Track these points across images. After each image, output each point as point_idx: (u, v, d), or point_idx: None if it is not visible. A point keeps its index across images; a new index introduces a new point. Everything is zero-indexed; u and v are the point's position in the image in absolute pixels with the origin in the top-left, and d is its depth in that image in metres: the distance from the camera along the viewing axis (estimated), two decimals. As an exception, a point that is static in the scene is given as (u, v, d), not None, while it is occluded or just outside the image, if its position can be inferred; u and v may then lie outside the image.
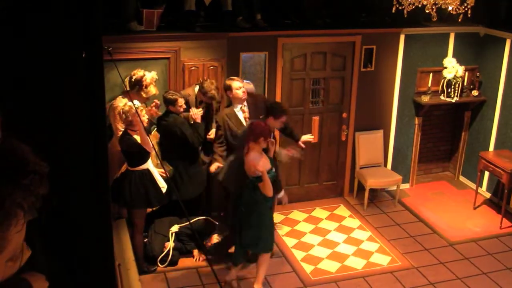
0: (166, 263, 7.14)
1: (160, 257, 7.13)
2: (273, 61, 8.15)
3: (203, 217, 7.52)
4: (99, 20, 2.83)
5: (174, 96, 7.00)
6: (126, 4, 7.34)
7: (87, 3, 2.73)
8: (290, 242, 7.90)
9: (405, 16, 6.59)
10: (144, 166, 6.62)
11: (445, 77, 8.97)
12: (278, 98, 8.21)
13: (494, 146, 9.17)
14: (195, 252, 7.37)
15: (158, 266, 7.11)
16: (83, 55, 2.74)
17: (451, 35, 9.08)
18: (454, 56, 9.08)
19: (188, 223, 7.35)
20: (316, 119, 8.57)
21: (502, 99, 8.97)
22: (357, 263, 7.50)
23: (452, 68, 8.90)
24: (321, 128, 8.60)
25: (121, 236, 6.25)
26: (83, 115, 2.81)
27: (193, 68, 7.61)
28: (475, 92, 9.23)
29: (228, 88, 7.17)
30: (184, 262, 7.29)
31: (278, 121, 6.84)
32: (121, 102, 6.82)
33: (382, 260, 7.60)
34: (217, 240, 7.38)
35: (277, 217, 8.33)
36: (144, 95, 6.98)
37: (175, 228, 7.31)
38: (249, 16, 8.01)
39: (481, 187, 9.35)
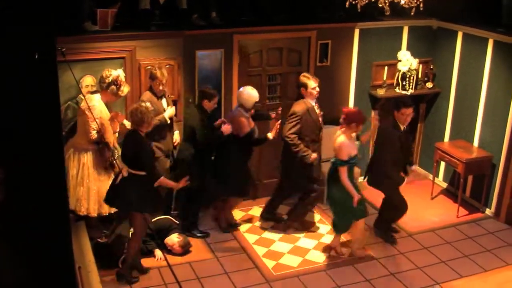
0: (128, 264, 7.10)
1: (122, 258, 7.07)
2: (229, 58, 8.15)
3: (164, 216, 7.50)
4: (52, 21, 2.81)
5: (211, 91, 7.43)
6: (80, 4, 7.27)
7: (40, 4, 2.71)
8: (251, 238, 7.92)
9: (359, 10, 6.64)
10: None
11: (400, 70, 9.08)
12: (234, 95, 8.21)
13: (449, 136, 9.33)
14: (157, 251, 7.33)
15: (119, 267, 7.05)
16: (36, 56, 2.71)
17: (404, 28, 9.20)
18: (408, 49, 9.19)
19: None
20: (272, 115, 8.58)
21: (455, 90, 9.13)
22: (318, 257, 7.55)
23: (407, 61, 9.01)
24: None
25: (81, 239, 6.21)
26: (37, 117, 2.78)
27: (149, 67, 7.56)
28: (429, 84, 9.36)
29: (304, 86, 7.60)
30: (145, 262, 7.23)
31: (399, 114, 7.37)
32: (96, 101, 6.86)
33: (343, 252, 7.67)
34: (177, 239, 7.35)
35: (237, 214, 8.36)
36: (121, 94, 7.01)
37: (135, 229, 7.27)
38: (204, 13, 8.00)
39: (437, 177, 9.50)
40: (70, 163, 6.98)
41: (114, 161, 7.05)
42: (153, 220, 7.37)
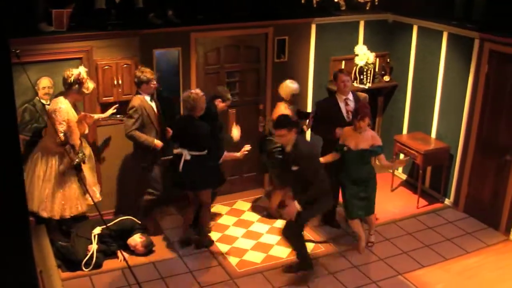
0: (91, 267, 7.03)
1: (84, 260, 7.02)
2: (186, 56, 8.13)
3: (126, 217, 7.46)
4: (5, 22, 2.77)
5: (228, 95, 7.64)
6: (34, 5, 7.17)
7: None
8: (214, 236, 7.91)
9: (315, 6, 6.69)
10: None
11: (357, 64, 9.16)
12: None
13: (407, 129, 9.44)
14: (119, 253, 7.28)
15: (82, 270, 6.99)
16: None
17: (360, 23, 9.27)
18: (365, 43, 9.27)
19: (111, 223, 7.30)
20: (232, 112, 8.60)
21: (412, 83, 9.25)
22: (281, 252, 7.59)
23: (364, 55, 9.09)
24: (238, 121, 8.61)
25: (41, 242, 6.13)
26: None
27: (106, 67, 7.52)
28: (386, 78, 9.47)
29: (335, 78, 7.84)
30: (108, 264, 7.19)
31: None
32: (62, 103, 6.87)
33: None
34: (140, 239, 7.32)
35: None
36: (86, 92, 7.02)
37: (97, 230, 7.21)
38: (161, 12, 7.96)
39: (397, 169, 9.61)
40: (38, 164, 6.98)
41: (82, 163, 7.02)
42: (116, 220, 7.34)
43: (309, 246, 7.51)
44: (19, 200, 2.92)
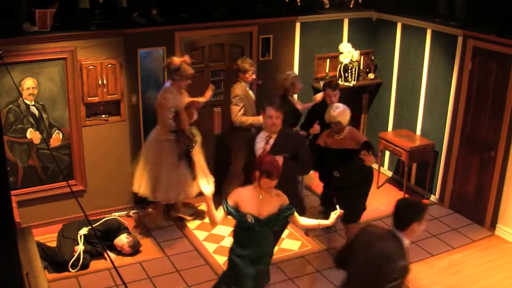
0: (78, 267, 7.00)
1: (71, 261, 6.99)
2: (171, 55, 8.10)
3: (112, 217, 7.44)
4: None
5: (325, 82, 8.24)
6: (17, 4, 7.13)
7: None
8: (201, 235, 7.91)
9: (299, 4, 6.69)
10: None
11: (342, 62, 9.18)
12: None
13: (392, 126, 9.48)
14: (106, 253, 7.25)
15: (69, 271, 6.97)
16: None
17: (345, 21, 9.29)
18: (349, 41, 9.30)
19: (97, 224, 7.28)
20: (217, 111, 8.60)
21: (397, 80, 9.28)
22: (268, 251, 7.59)
23: (348, 53, 9.12)
24: (223, 120, 8.62)
25: (27, 244, 6.10)
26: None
27: (90, 67, 7.50)
28: (371, 75, 9.50)
29: None
30: (95, 264, 7.17)
31: None
32: (169, 91, 7.31)
33: (293, 245, 7.72)
34: (127, 240, 7.31)
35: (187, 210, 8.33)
36: (181, 75, 7.32)
37: (84, 231, 7.19)
38: (145, 11, 7.94)
39: (383, 166, 9.66)
40: (151, 151, 7.45)
41: (191, 148, 7.41)
42: (102, 220, 7.33)
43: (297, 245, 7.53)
44: (3, 202, 2.91)
